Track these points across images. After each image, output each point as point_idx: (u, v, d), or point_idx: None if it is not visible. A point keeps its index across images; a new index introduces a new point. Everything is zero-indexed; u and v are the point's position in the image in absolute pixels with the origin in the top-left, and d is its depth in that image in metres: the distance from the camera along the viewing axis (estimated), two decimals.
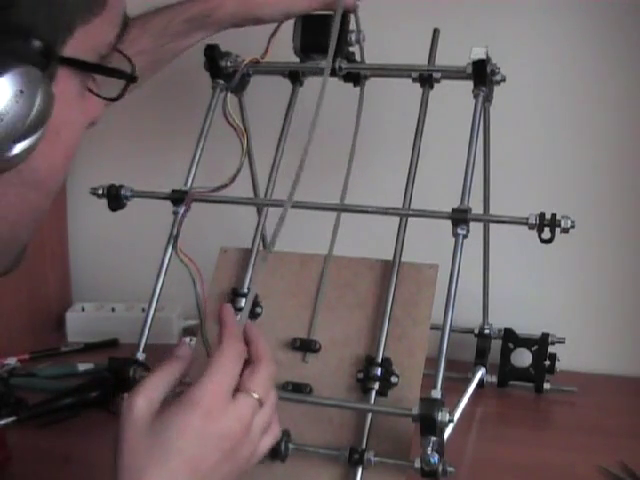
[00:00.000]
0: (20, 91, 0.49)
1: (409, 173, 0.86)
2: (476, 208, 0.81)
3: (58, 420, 0.99)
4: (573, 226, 0.77)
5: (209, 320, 0.87)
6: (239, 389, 0.60)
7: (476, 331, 1.13)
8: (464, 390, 1.02)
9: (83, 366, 1.15)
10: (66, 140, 0.57)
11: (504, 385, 1.11)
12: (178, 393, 0.60)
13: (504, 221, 0.81)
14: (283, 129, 0.94)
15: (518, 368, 1.11)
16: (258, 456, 0.62)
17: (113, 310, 1.31)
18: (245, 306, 0.84)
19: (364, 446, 0.77)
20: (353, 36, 0.92)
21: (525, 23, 1.14)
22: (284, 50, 0.94)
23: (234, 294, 0.89)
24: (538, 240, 0.78)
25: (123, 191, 0.88)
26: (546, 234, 0.77)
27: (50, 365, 1.17)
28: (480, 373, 1.10)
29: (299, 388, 0.82)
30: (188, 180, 0.90)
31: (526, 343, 1.11)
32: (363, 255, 0.88)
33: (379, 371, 0.80)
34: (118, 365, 0.82)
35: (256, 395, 0.60)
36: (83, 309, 1.32)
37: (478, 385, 1.09)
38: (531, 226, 0.78)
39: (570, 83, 1.15)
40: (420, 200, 0.85)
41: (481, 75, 0.83)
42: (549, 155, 1.17)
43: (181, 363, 0.62)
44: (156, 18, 0.93)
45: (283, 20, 0.93)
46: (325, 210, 0.90)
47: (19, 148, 0.51)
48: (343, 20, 0.88)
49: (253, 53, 0.92)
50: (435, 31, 0.90)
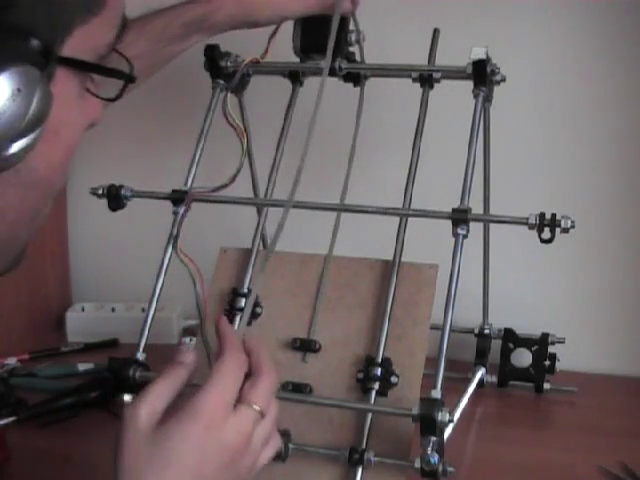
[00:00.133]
0: (18, 90, 0.49)
1: (409, 173, 0.86)
2: (476, 208, 0.82)
3: (58, 420, 0.99)
4: (573, 226, 0.77)
5: (209, 320, 0.87)
6: (240, 401, 0.59)
7: (476, 331, 1.13)
8: (464, 390, 1.02)
9: (83, 366, 1.15)
10: (65, 140, 0.56)
11: (504, 385, 1.11)
12: (183, 397, 0.60)
13: (504, 221, 0.81)
14: (283, 129, 0.94)
15: (518, 368, 1.11)
16: (258, 467, 0.61)
17: (113, 310, 1.31)
18: (246, 309, 0.85)
19: (364, 446, 0.77)
20: (353, 36, 0.92)
21: (525, 23, 1.14)
22: (284, 50, 0.94)
23: (234, 294, 0.88)
24: (538, 240, 0.78)
25: (123, 191, 0.88)
26: (546, 234, 0.77)
27: (50, 365, 1.17)
28: (480, 373, 1.10)
29: (299, 388, 0.82)
30: (188, 180, 0.90)
31: (526, 343, 1.11)
32: (363, 255, 0.88)
33: (379, 371, 0.80)
34: (118, 365, 0.82)
35: (257, 407, 0.59)
36: (83, 309, 1.32)
37: (478, 385, 1.09)
38: (531, 226, 0.78)
39: (570, 83, 1.15)
40: (420, 200, 0.85)
41: (481, 75, 0.83)
42: (549, 155, 1.17)
43: (185, 370, 0.62)
44: (153, 22, 0.92)
45: (280, 23, 0.93)
46: (325, 210, 0.90)
47: (17, 147, 0.51)
48: (342, 21, 0.88)
49: (253, 53, 0.92)
50: (435, 31, 0.91)
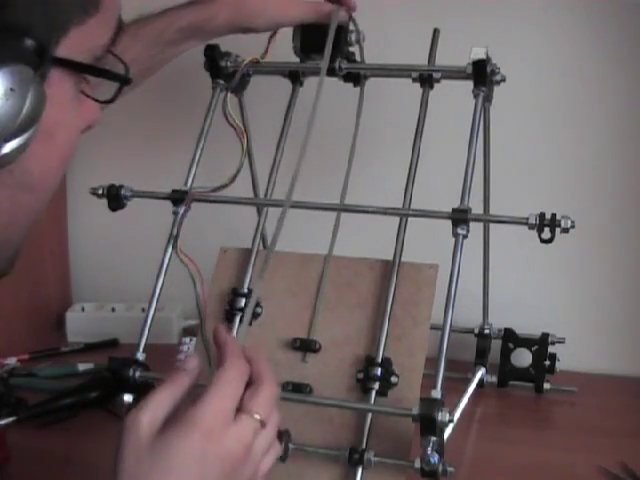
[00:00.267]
0: (11, 89, 0.49)
1: (409, 173, 0.86)
2: (476, 208, 0.82)
3: (58, 420, 0.99)
4: (573, 226, 0.77)
5: (209, 320, 0.87)
6: (241, 410, 0.59)
7: (476, 331, 1.13)
8: (464, 390, 1.02)
9: (83, 366, 1.15)
10: (61, 143, 0.56)
11: (504, 385, 1.11)
12: (185, 403, 0.59)
13: (504, 221, 0.81)
14: (283, 129, 0.94)
15: (518, 368, 1.11)
16: (259, 477, 0.61)
17: (113, 310, 1.31)
18: (247, 310, 0.85)
19: (364, 446, 0.77)
20: (353, 36, 0.92)
21: (525, 23, 1.14)
22: (284, 50, 0.94)
23: (234, 294, 0.88)
24: (538, 240, 0.78)
25: (123, 191, 0.88)
26: (546, 234, 0.77)
27: (50, 365, 1.17)
28: (480, 373, 1.10)
29: (299, 388, 0.82)
30: (188, 180, 0.90)
31: (526, 343, 1.11)
32: (363, 255, 0.88)
33: (379, 371, 0.80)
34: (118, 365, 0.82)
35: (258, 416, 0.59)
36: (83, 309, 1.32)
37: (478, 385, 1.09)
38: (531, 226, 0.78)
39: (570, 83, 1.15)
40: (420, 200, 0.85)
41: (481, 75, 0.83)
42: (549, 155, 1.17)
43: (187, 377, 0.61)
44: (149, 26, 0.92)
45: (275, 30, 0.93)
46: (325, 210, 0.90)
47: (9, 147, 0.50)
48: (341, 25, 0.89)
49: (253, 53, 0.93)
50: (435, 31, 0.91)
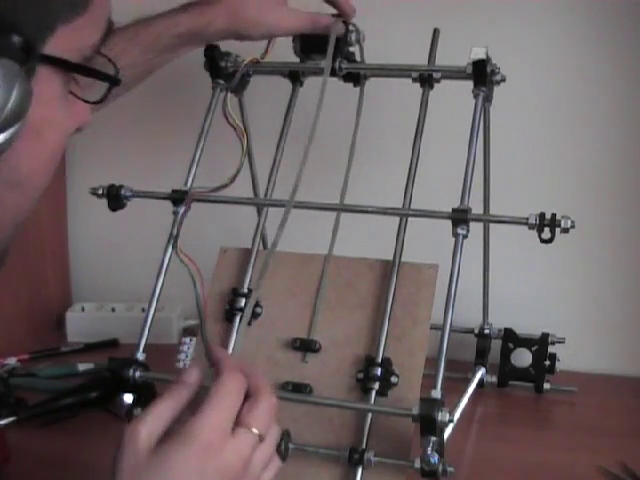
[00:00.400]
0: None
1: (409, 173, 0.86)
2: (476, 208, 0.82)
3: (58, 420, 0.99)
4: (573, 226, 0.77)
5: (209, 320, 0.87)
6: (239, 424, 0.58)
7: (476, 331, 1.13)
8: (464, 390, 1.02)
9: (83, 366, 1.15)
10: (49, 141, 0.55)
11: (504, 385, 1.11)
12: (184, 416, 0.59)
13: (504, 221, 0.81)
14: (283, 129, 0.94)
15: (518, 368, 1.11)
16: None
17: (113, 310, 1.31)
18: (246, 310, 0.85)
19: (364, 446, 0.77)
20: (353, 36, 0.92)
21: (525, 23, 1.14)
22: (284, 50, 0.94)
23: (234, 294, 0.88)
24: (538, 240, 0.78)
25: (123, 191, 0.88)
26: (546, 234, 0.77)
27: (50, 365, 1.17)
28: (480, 373, 1.10)
29: (299, 388, 0.82)
30: (188, 180, 0.90)
31: (526, 343, 1.11)
32: (363, 255, 0.88)
33: (379, 371, 0.80)
34: (118, 365, 0.82)
35: (256, 431, 0.59)
36: (83, 309, 1.32)
37: (478, 385, 1.09)
38: (531, 226, 0.78)
39: (570, 83, 1.15)
40: (420, 200, 0.85)
41: (481, 75, 0.83)
42: (549, 155, 1.17)
43: (187, 390, 0.61)
44: (145, 31, 0.92)
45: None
46: (325, 210, 0.90)
47: None
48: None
49: (253, 53, 0.93)
50: (435, 31, 0.91)
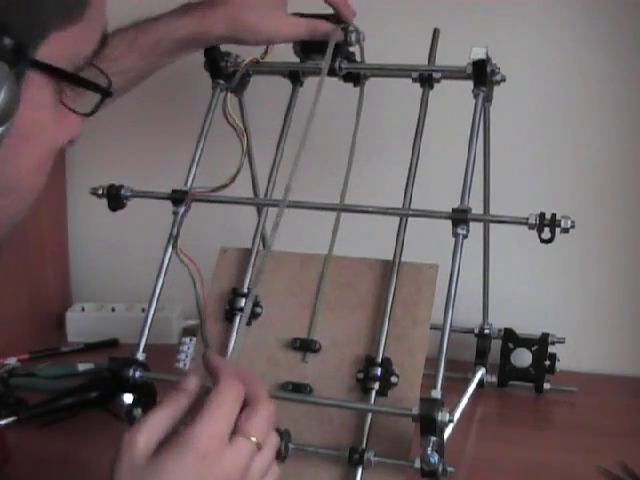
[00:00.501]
0: None
1: (409, 173, 0.86)
2: (476, 208, 0.82)
3: (58, 420, 0.99)
4: (573, 226, 0.77)
5: (209, 320, 0.87)
6: (236, 432, 0.58)
7: (476, 331, 1.13)
8: (464, 390, 1.02)
9: (83, 366, 1.15)
10: (38, 147, 0.55)
11: (504, 385, 1.11)
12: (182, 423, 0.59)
13: (504, 221, 0.81)
14: (283, 129, 0.94)
15: (518, 368, 1.11)
16: None
17: (113, 310, 1.30)
18: (245, 310, 0.85)
19: (364, 446, 0.77)
20: (353, 36, 0.92)
21: (525, 23, 1.14)
22: (284, 50, 0.94)
23: (234, 294, 0.88)
24: (538, 240, 0.78)
25: (123, 191, 0.88)
26: (546, 234, 0.77)
27: (50, 365, 1.17)
28: (480, 373, 1.10)
29: (299, 388, 0.82)
30: (188, 180, 0.90)
31: (526, 343, 1.11)
32: (363, 255, 0.88)
33: (379, 371, 0.80)
34: (118, 365, 0.82)
35: (254, 439, 0.58)
36: (83, 309, 1.32)
37: (478, 385, 1.09)
38: (531, 226, 0.78)
39: (570, 83, 1.15)
40: (420, 200, 0.85)
41: (481, 75, 0.83)
42: (549, 155, 1.17)
43: (186, 398, 0.60)
44: (145, 36, 0.92)
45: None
46: (325, 210, 0.90)
47: None
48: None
49: (253, 53, 0.93)
50: (435, 31, 0.91)
